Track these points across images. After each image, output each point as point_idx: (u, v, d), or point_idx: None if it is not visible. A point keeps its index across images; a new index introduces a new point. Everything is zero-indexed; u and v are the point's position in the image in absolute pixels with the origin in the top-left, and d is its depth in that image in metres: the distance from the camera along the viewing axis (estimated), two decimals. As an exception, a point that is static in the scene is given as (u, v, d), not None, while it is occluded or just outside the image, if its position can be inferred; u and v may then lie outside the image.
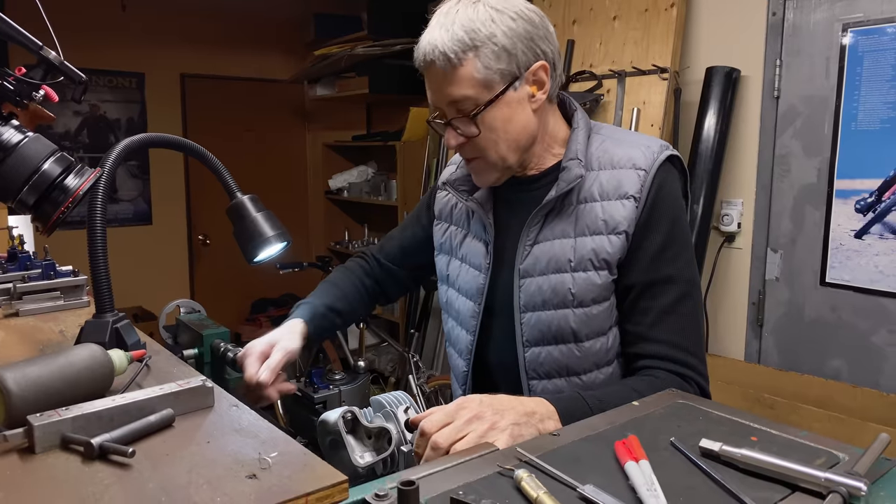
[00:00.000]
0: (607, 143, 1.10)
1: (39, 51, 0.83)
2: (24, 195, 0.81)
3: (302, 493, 0.58)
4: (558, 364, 1.08)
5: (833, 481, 0.62)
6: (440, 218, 1.28)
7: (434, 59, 1.00)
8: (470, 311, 1.18)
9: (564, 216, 1.08)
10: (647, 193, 1.03)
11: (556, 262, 1.07)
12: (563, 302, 1.06)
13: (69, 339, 1.07)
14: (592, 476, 0.66)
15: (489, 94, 1.01)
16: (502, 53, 1.00)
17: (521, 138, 1.07)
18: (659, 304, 1.04)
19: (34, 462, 0.64)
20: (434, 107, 1.08)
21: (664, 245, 1.04)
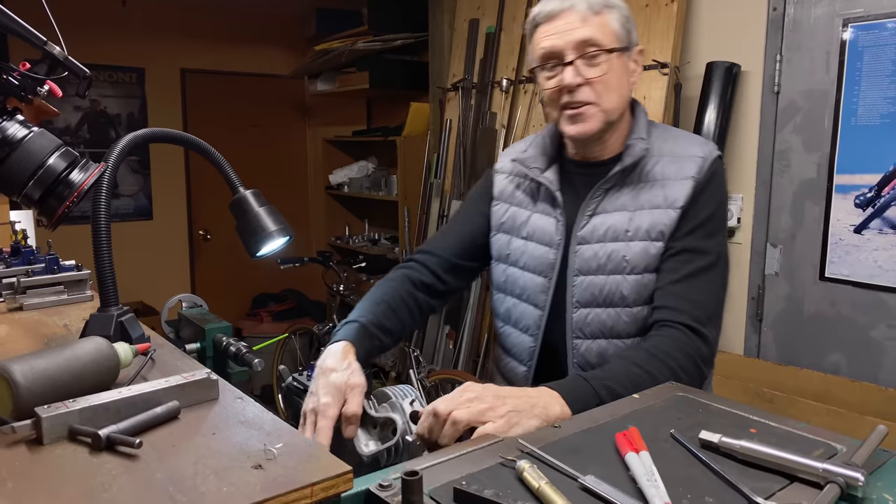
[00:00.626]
0: (667, 135, 1.23)
1: (44, 46, 0.84)
2: (29, 189, 0.81)
3: (307, 483, 0.59)
4: (604, 326, 1.17)
5: (831, 472, 0.63)
6: (500, 199, 1.33)
7: (574, 5, 1.13)
8: (539, 286, 1.23)
9: (624, 191, 1.18)
10: (703, 175, 1.15)
11: (613, 231, 1.17)
12: (617, 268, 1.16)
13: (73, 333, 1.08)
14: (593, 467, 0.67)
15: (619, 45, 1.15)
16: (626, 22, 1.16)
17: (625, 99, 1.19)
18: (686, 269, 1.14)
19: (42, 453, 0.65)
20: (548, 54, 1.16)
21: (706, 221, 1.15)
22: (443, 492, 0.63)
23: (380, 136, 4.48)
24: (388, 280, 1.31)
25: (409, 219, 4.09)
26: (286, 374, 1.42)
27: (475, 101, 3.47)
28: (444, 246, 1.35)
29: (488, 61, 3.40)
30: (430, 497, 0.62)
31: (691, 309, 1.11)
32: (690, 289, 1.12)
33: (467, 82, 3.52)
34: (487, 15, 3.46)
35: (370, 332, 1.16)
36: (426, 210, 3.79)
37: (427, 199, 3.80)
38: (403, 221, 4.11)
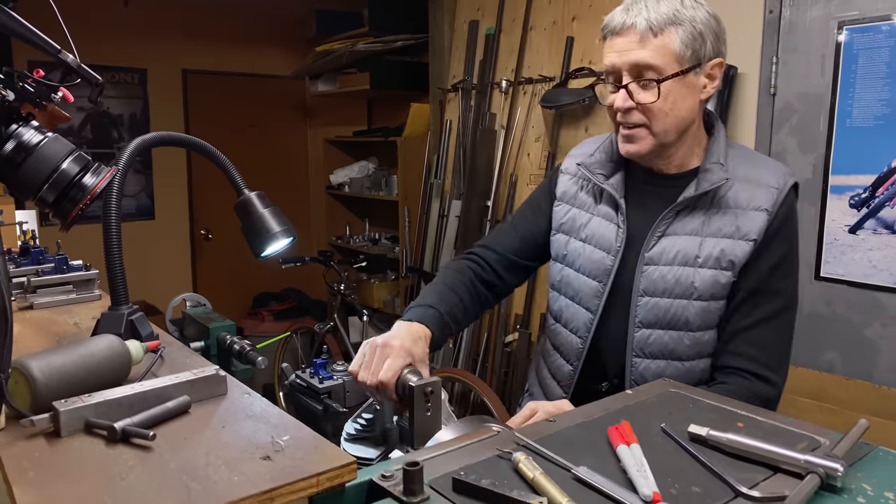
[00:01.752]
0: (741, 158, 1.20)
1: (58, 54, 0.87)
2: (44, 193, 0.84)
3: (314, 473, 0.62)
4: (666, 347, 1.18)
5: (812, 463, 0.66)
6: (563, 200, 1.33)
7: (635, 24, 1.09)
8: (593, 290, 1.24)
9: (696, 215, 1.17)
10: (778, 209, 1.14)
11: (683, 255, 1.16)
12: (684, 293, 1.15)
13: (84, 331, 1.11)
14: (586, 458, 0.70)
15: (677, 68, 1.10)
16: (698, 37, 1.10)
17: (685, 120, 1.15)
18: (760, 312, 1.14)
19: (61, 445, 0.68)
20: (609, 70, 1.15)
21: (782, 260, 1.14)
22: (442, 481, 0.66)
23: (380, 137, 4.51)
24: (453, 270, 1.33)
25: (409, 219, 4.12)
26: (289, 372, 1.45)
27: (475, 102, 3.51)
28: (505, 243, 1.36)
29: (488, 62, 3.44)
30: (430, 486, 0.65)
31: (762, 356, 1.13)
32: (762, 334, 1.14)
33: (467, 83, 3.55)
34: (487, 16, 3.49)
35: (445, 322, 1.19)
36: (426, 210, 3.83)
37: (427, 200, 3.83)
38: (404, 221, 4.14)
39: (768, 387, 1.14)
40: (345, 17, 4.49)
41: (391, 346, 1.03)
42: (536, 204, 1.38)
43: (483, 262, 1.34)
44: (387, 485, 0.65)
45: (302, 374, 1.43)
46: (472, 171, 3.45)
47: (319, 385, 1.37)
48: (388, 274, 4.66)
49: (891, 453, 0.73)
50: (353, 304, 3.79)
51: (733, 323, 1.15)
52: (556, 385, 1.32)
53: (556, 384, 1.31)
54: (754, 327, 1.14)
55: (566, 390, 1.29)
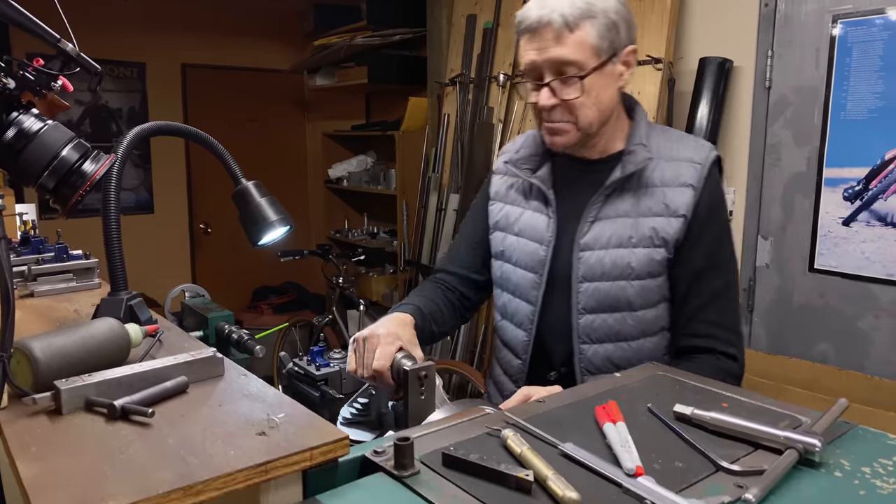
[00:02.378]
0: (664, 138, 1.22)
1: (57, 43, 0.88)
2: (44, 179, 0.86)
3: (307, 448, 0.64)
4: (611, 330, 1.19)
5: (791, 439, 0.68)
6: (496, 199, 1.36)
7: (551, 21, 1.08)
8: (530, 282, 1.25)
9: (626, 197, 1.18)
10: (704, 184, 1.15)
11: (617, 238, 1.17)
12: (622, 274, 1.17)
13: (83, 317, 1.13)
14: (573, 436, 0.72)
15: (596, 61, 1.10)
16: (612, 27, 1.10)
17: (607, 110, 1.17)
18: (709, 289, 1.17)
19: (62, 422, 0.70)
20: (528, 68, 1.15)
21: (715, 235, 1.17)
22: (433, 457, 0.68)
23: (378, 131, 4.53)
24: (425, 287, 1.39)
25: (407, 212, 4.14)
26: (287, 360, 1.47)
27: (473, 96, 3.52)
28: (460, 261, 1.40)
29: (485, 56, 3.45)
30: (420, 461, 0.67)
31: (722, 333, 1.16)
32: (716, 312, 1.17)
33: (465, 77, 3.56)
34: (485, 10, 3.50)
35: (426, 317, 1.25)
36: (424, 204, 3.84)
37: (425, 193, 3.85)
38: (402, 215, 4.15)
39: (731, 362, 1.17)
40: (343, 11, 4.50)
41: (377, 334, 1.06)
42: (476, 211, 1.41)
43: (446, 285, 1.39)
44: (379, 460, 0.67)
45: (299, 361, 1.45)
46: (469, 165, 3.46)
47: (316, 372, 1.39)
48: (387, 267, 4.68)
49: (870, 431, 0.75)
50: (352, 297, 3.81)
51: (688, 305, 1.18)
52: (508, 380, 1.33)
53: (508, 379, 1.33)
54: (708, 306, 1.16)
55: (517, 384, 1.29)
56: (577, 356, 1.20)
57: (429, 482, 0.64)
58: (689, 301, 1.18)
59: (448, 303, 1.37)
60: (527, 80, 1.17)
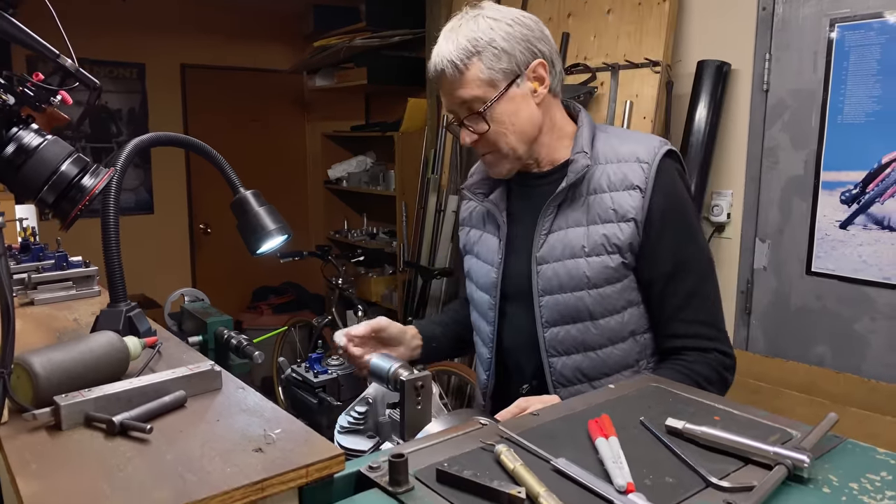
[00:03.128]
0: (612, 140, 1.21)
1: (56, 59, 0.89)
2: (44, 194, 0.87)
3: (303, 465, 0.65)
4: (576, 341, 1.19)
5: (780, 455, 0.69)
6: (464, 223, 1.40)
7: (444, 68, 1.13)
8: (487, 303, 1.29)
9: (576, 206, 1.19)
10: (652, 185, 1.14)
11: (570, 248, 1.17)
12: (578, 284, 1.17)
13: (83, 327, 1.14)
14: (566, 451, 0.73)
15: (495, 92, 1.13)
16: (502, 55, 1.11)
17: (528, 129, 1.18)
18: (684, 288, 1.16)
19: (62, 437, 0.71)
20: (449, 111, 1.20)
21: (678, 234, 1.16)
22: (427, 472, 0.69)
23: (378, 132, 4.54)
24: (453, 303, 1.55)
25: (406, 213, 4.15)
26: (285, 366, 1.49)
27: (471, 98, 3.52)
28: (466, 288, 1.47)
29: (484, 58, 3.45)
30: (415, 477, 0.68)
31: (704, 331, 1.16)
32: (695, 310, 1.16)
33: (464, 79, 3.56)
34: (484, 12, 3.50)
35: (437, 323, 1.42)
36: (423, 205, 3.85)
37: (424, 194, 3.86)
38: (401, 216, 4.17)
39: (720, 355, 1.17)
40: (342, 13, 4.51)
41: None
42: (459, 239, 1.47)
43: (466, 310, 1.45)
44: (373, 475, 0.68)
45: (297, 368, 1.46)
46: (468, 167, 3.46)
47: (314, 379, 1.40)
48: (386, 268, 4.70)
49: (859, 445, 0.76)
50: (351, 297, 3.82)
51: (665, 307, 1.17)
52: (479, 392, 1.37)
53: (479, 391, 1.36)
54: (686, 306, 1.16)
55: (485, 398, 1.33)
56: (548, 369, 1.21)
57: (423, 498, 0.64)
58: (666, 302, 1.18)
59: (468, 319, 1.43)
60: (454, 123, 1.21)
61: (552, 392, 1.20)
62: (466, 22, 1.13)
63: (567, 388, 1.20)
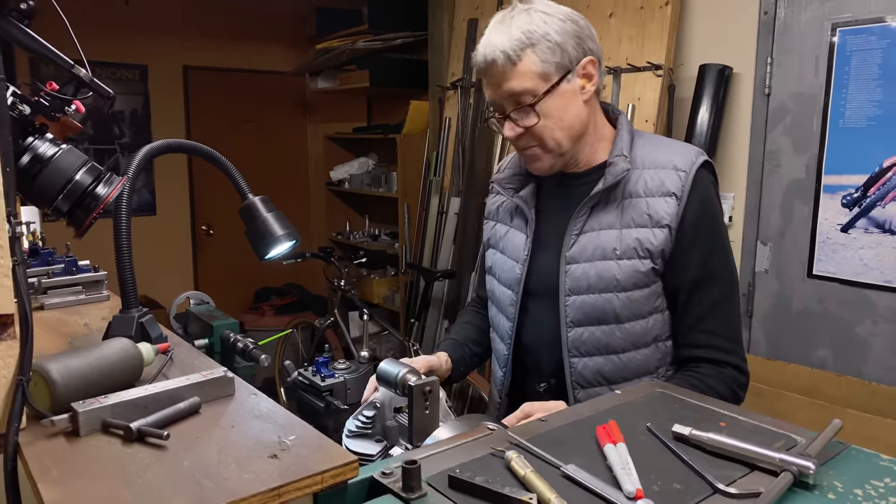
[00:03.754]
0: (649, 146, 1.22)
1: (71, 69, 0.90)
2: (59, 203, 0.88)
3: (318, 471, 0.66)
4: (599, 343, 1.19)
5: (786, 461, 0.70)
6: (489, 217, 1.41)
7: (495, 59, 1.12)
8: (509, 299, 1.29)
9: (610, 209, 1.19)
10: (688, 193, 1.15)
11: (602, 250, 1.18)
12: (608, 287, 1.17)
13: (94, 332, 1.15)
14: (575, 457, 0.74)
15: (546, 85, 1.13)
16: (556, 49, 1.12)
17: (575, 126, 1.18)
18: (708, 298, 1.17)
19: (80, 444, 0.72)
20: (491, 104, 1.20)
21: (708, 243, 1.17)
22: (439, 478, 0.70)
23: (380, 134, 4.55)
24: (464, 313, 1.54)
25: (408, 215, 4.16)
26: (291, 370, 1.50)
27: (474, 100, 3.54)
28: (480, 284, 1.49)
29: (487, 61, 3.46)
30: (427, 483, 0.69)
31: (721, 343, 1.17)
32: (716, 322, 1.17)
33: (466, 81, 3.58)
34: (486, 15, 3.51)
35: (457, 342, 1.40)
36: (426, 207, 3.86)
37: (426, 196, 3.87)
38: (403, 218, 4.18)
39: (736, 372, 1.18)
40: (344, 15, 4.52)
41: None
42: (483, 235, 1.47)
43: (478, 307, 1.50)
44: (387, 482, 0.69)
45: (304, 371, 1.47)
46: (470, 169, 3.48)
47: (321, 383, 1.41)
48: (388, 270, 4.71)
49: (863, 452, 0.78)
50: (353, 299, 3.83)
51: (687, 315, 1.18)
52: (495, 390, 1.37)
53: (495, 389, 1.37)
54: (707, 316, 1.17)
55: (500, 395, 1.34)
56: (568, 370, 1.21)
57: (436, 504, 0.66)
58: (689, 311, 1.18)
59: (482, 322, 1.45)
60: (495, 115, 1.21)
61: (570, 393, 1.21)
62: (519, 14, 1.14)
63: (586, 389, 1.21)
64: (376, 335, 4.41)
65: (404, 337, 3.69)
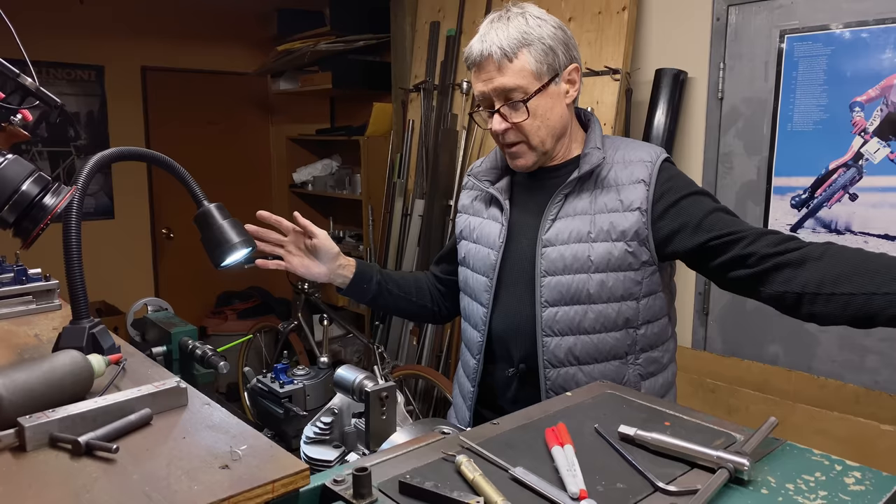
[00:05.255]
0: (619, 143, 1.32)
1: (17, 78, 0.89)
2: (4, 213, 0.87)
3: (269, 481, 0.67)
4: (572, 322, 1.25)
5: (723, 458, 0.73)
6: (461, 211, 1.46)
7: (492, 54, 1.19)
8: (483, 285, 1.34)
9: (584, 196, 1.27)
10: (655, 177, 1.23)
11: (577, 233, 1.25)
12: (582, 267, 1.24)
13: (45, 343, 1.14)
14: (524, 459, 0.76)
15: (538, 84, 1.21)
16: (549, 51, 1.21)
17: (558, 127, 1.26)
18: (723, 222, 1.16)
19: (26, 459, 0.71)
20: (480, 98, 1.26)
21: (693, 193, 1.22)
22: (390, 485, 0.71)
23: (343, 136, 4.53)
24: None
25: (373, 217, 4.16)
26: (251, 376, 1.49)
27: (437, 103, 3.55)
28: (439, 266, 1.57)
29: (449, 64, 3.48)
30: (378, 489, 0.70)
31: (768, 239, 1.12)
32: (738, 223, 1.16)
33: (429, 84, 3.59)
34: (448, 18, 3.54)
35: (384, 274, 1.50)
36: (390, 209, 3.87)
37: (391, 198, 3.87)
38: (368, 220, 4.17)
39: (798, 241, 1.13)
40: (306, 16, 4.49)
41: None
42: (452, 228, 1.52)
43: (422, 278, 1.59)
44: (338, 489, 0.70)
45: (263, 378, 1.47)
46: (434, 171, 3.50)
47: (280, 389, 1.41)
48: (353, 272, 4.68)
49: (797, 447, 0.81)
50: (317, 302, 3.81)
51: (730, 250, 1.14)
52: (466, 380, 1.41)
53: (466, 379, 1.41)
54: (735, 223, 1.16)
55: (472, 383, 1.38)
56: (540, 349, 1.26)
57: (386, 510, 0.67)
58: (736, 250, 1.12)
59: (427, 284, 1.56)
60: (481, 109, 1.28)
61: (542, 373, 1.27)
62: (515, 16, 1.21)
63: (557, 368, 1.26)
64: (340, 338, 4.39)
65: (369, 340, 3.69)
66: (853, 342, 2.35)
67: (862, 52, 2.27)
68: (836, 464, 0.77)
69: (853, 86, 2.29)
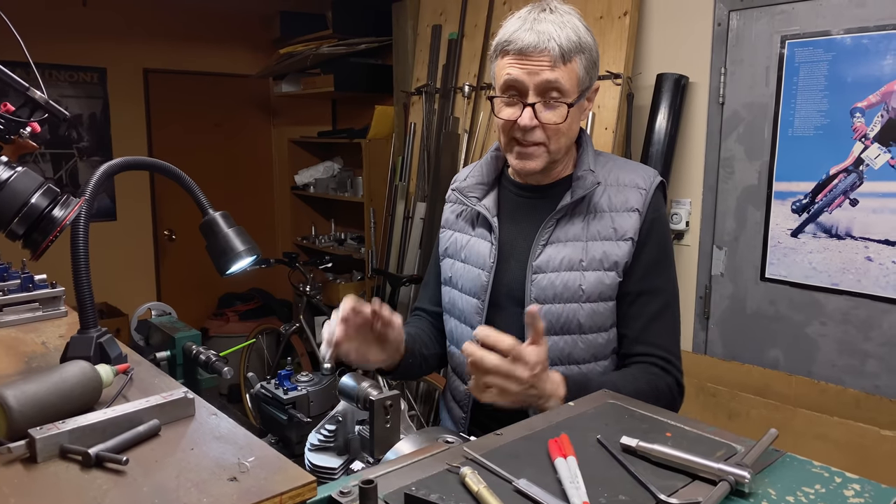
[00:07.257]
0: (611, 164, 1.28)
1: (26, 91, 0.90)
2: (14, 226, 0.88)
3: (277, 493, 0.68)
4: (562, 353, 1.22)
5: (724, 471, 0.74)
6: (445, 227, 1.41)
7: (548, 48, 1.13)
8: (474, 307, 1.29)
9: (576, 221, 1.23)
10: (647, 209, 1.22)
11: (568, 261, 1.21)
12: (573, 297, 1.21)
13: (52, 351, 1.15)
14: (527, 470, 0.77)
15: (578, 92, 1.18)
16: (594, 65, 1.20)
17: (572, 139, 1.24)
18: (648, 312, 1.22)
19: (37, 471, 0.72)
20: (512, 85, 1.17)
21: (657, 259, 1.23)
22: (395, 496, 0.72)
23: (345, 138, 4.54)
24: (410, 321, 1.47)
25: (374, 220, 4.17)
26: (254, 382, 1.50)
27: (438, 106, 3.56)
28: (429, 299, 1.46)
29: (451, 67, 3.50)
30: (384, 502, 0.71)
31: (661, 353, 1.22)
32: (656, 333, 1.22)
33: (430, 87, 3.60)
34: (450, 21, 3.55)
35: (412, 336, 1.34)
36: (391, 212, 3.88)
37: (392, 201, 3.88)
38: (369, 222, 4.18)
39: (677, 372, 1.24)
40: (308, 19, 4.50)
41: None
42: (436, 246, 1.45)
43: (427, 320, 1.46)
44: (344, 501, 0.71)
45: (267, 384, 1.48)
46: (436, 174, 3.51)
47: (284, 396, 1.42)
48: (354, 274, 4.70)
49: (797, 459, 0.82)
50: (319, 304, 3.83)
51: (628, 327, 1.23)
52: (457, 406, 1.36)
53: (456, 405, 1.36)
54: (648, 327, 1.22)
55: (464, 409, 1.33)
56: None
57: (392, 522, 0.68)
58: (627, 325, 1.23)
59: (433, 331, 1.43)
60: (503, 97, 1.19)
61: None
62: (564, 14, 1.16)
63: None
64: (343, 340, 4.39)
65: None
66: (853, 347, 2.36)
67: (863, 58, 2.28)
68: (835, 476, 0.78)
69: (854, 91, 2.30)
